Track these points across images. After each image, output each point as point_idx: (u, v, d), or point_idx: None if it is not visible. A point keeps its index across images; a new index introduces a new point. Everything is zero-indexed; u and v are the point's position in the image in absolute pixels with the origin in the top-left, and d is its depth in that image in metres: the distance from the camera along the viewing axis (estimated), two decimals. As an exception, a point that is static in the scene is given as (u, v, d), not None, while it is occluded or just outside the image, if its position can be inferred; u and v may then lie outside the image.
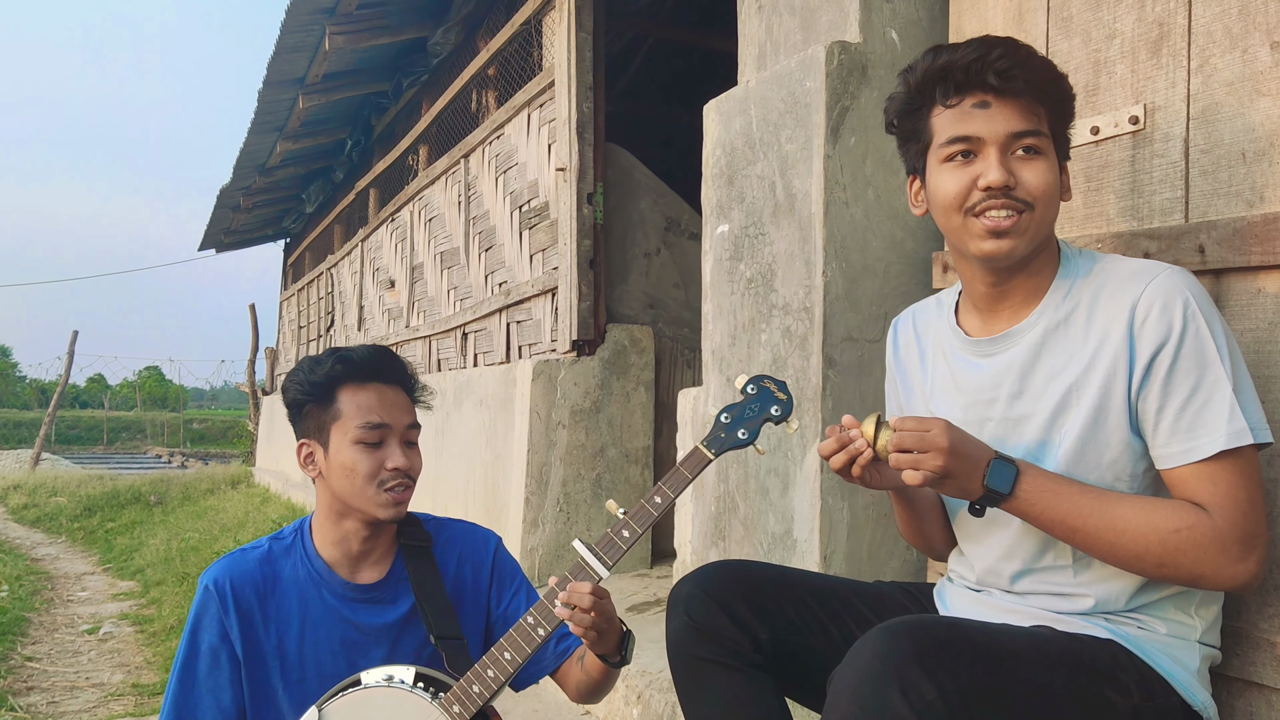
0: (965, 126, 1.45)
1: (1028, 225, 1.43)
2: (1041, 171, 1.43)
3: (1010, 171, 1.42)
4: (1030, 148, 1.43)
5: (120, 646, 5.33)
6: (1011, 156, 1.44)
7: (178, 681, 1.77)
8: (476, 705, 1.64)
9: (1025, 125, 1.43)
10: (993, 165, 1.42)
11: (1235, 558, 1.33)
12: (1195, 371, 1.35)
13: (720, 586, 1.55)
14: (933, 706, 1.17)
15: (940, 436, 1.35)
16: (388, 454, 1.74)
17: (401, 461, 1.74)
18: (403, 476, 1.74)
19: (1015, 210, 1.42)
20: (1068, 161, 1.53)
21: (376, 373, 1.79)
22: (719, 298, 2.54)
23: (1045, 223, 1.45)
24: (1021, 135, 1.43)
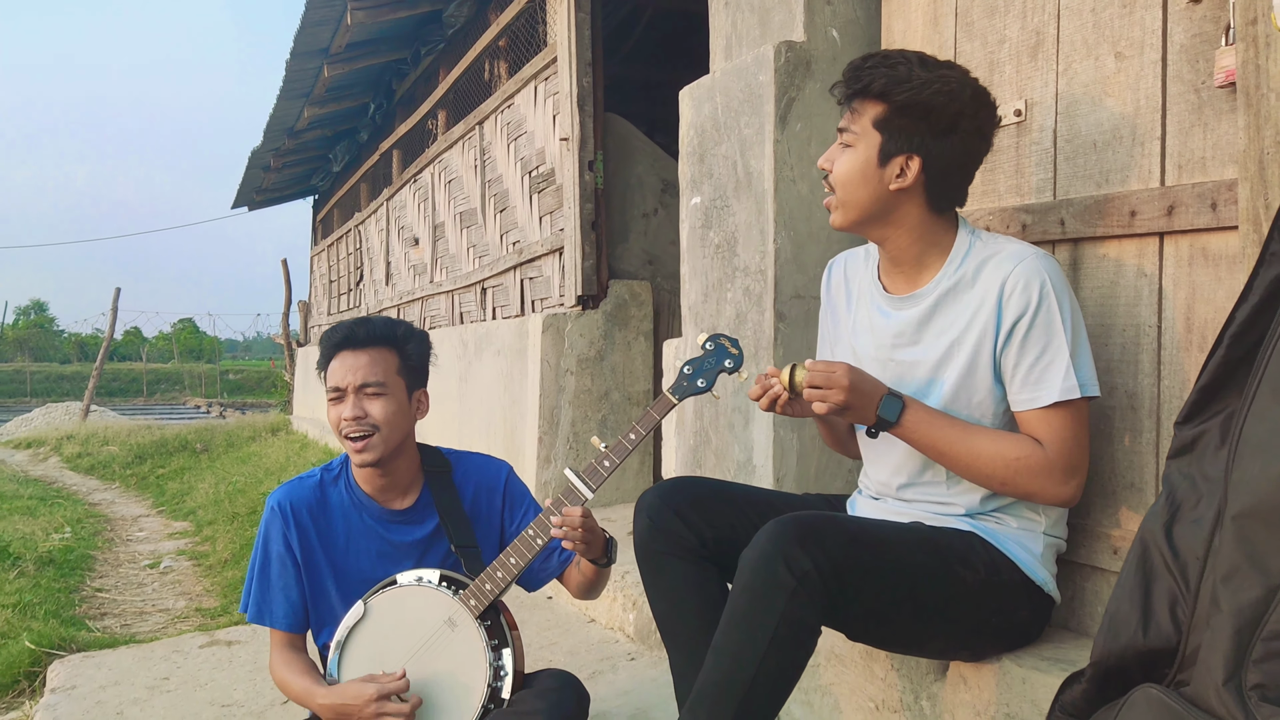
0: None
1: (836, 204, 1.85)
2: (845, 160, 1.82)
3: (832, 159, 1.85)
4: (845, 143, 1.83)
5: (180, 578, 5.85)
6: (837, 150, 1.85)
7: (256, 582, 2.23)
8: (488, 599, 2.07)
9: (843, 123, 1.84)
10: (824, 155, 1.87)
11: (1059, 482, 1.73)
12: (1043, 339, 1.73)
13: (675, 496, 1.92)
14: (809, 575, 1.58)
15: (843, 377, 1.74)
16: (343, 408, 2.13)
17: (348, 413, 2.11)
18: (353, 425, 2.11)
19: (829, 189, 1.86)
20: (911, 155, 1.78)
21: (339, 345, 2.17)
22: (693, 261, 2.94)
23: (850, 201, 1.82)
24: (841, 130, 1.84)
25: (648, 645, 3.06)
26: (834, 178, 1.84)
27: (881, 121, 1.79)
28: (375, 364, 2.15)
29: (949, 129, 1.79)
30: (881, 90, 1.77)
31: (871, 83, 1.78)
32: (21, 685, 3.58)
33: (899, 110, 1.77)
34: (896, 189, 1.80)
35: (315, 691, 2.06)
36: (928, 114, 1.77)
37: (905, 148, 1.79)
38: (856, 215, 1.84)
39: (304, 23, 6.20)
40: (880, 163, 1.80)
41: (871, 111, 1.80)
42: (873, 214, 1.83)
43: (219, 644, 3.57)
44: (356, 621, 2.11)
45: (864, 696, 2.17)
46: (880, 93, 1.78)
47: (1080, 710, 1.56)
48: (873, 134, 1.80)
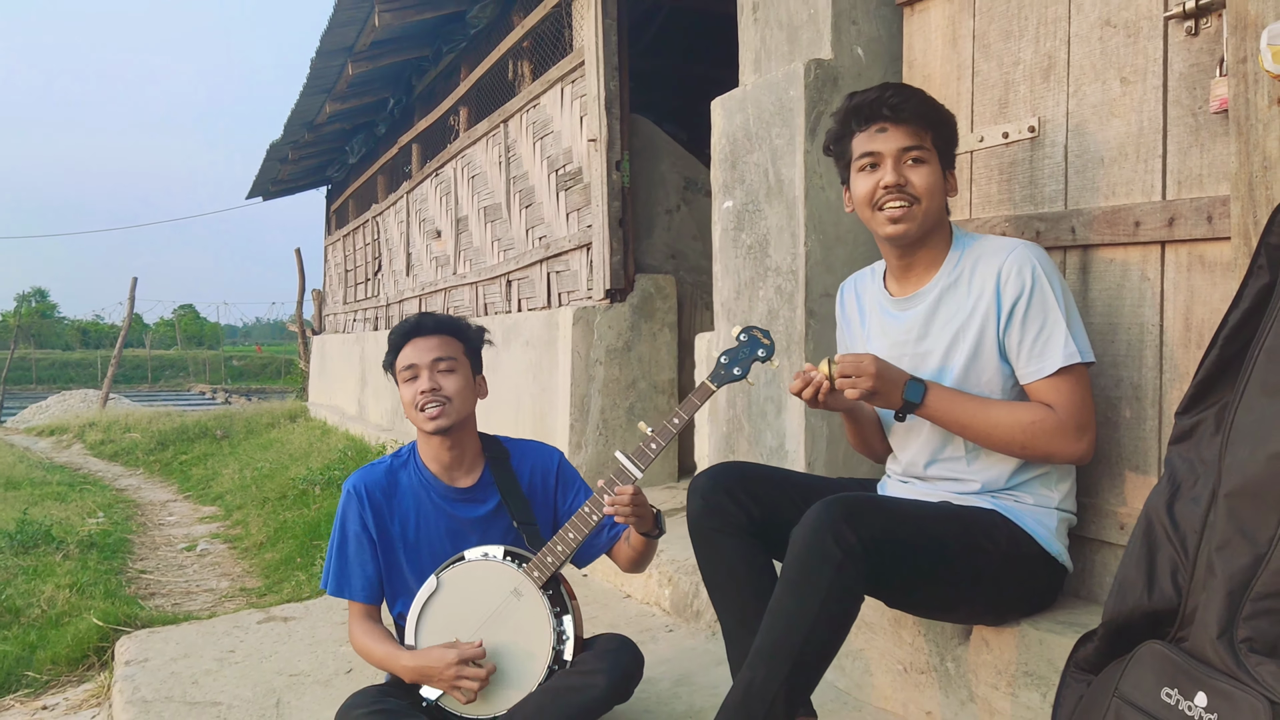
0: (870, 145, 2.08)
1: (917, 213, 2.05)
2: (925, 174, 2.05)
3: (902, 174, 2.05)
4: (917, 158, 2.05)
5: (218, 561, 6.06)
6: (904, 165, 2.05)
7: (335, 558, 2.45)
8: (550, 571, 2.30)
9: (911, 141, 2.06)
10: (889, 170, 2.05)
11: (1073, 440, 1.96)
12: (1041, 315, 1.97)
13: (726, 478, 2.13)
14: (854, 548, 1.79)
15: (870, 365, 1.98)
16: (419, 384, 2.39)
17: (426, 385, 2.37)
18: (429, 396, 2.37)
19: (907, 202, 2.05)
20: (952, 170, 2.12)
21: (408, 333, 2.45)
22: (726, 260, 3.15)
23: (931, 212, 2.06)
24: (909, 149, 2.06)
25: (684, 618, 3.29)
26: (919, 188, 2.05)
27: (938, 141, 2.08)
28: (444, 345, 2.43)
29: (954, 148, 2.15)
30: (937, 119, 2.08)
31: (929, 111, 2.07)
32: (90, 660, 3.80)
33: (946, 138, 2.10)
34: (951, 197, 2.14)
35: (399, 654, 2.29)
36: (952, 136, 2.11)
37: (951, 162, 2.12)
38: (931, 223, 2.08)
39: (331, 23, 6.38)
40: (944, 175, 2.09)
41: (929, 135, 2.07)
42: (936, 220, 2.10)
43: (275, 620, 3.78)
44: (431, 594, 2.33)
45: (893, 660, 2.40)
46: (936, 121, 2.08)
47: (1093, 665, 1.79)
48: (933, 153, 2.07)
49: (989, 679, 2.13)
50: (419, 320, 2.47)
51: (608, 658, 2.25)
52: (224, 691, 2.99)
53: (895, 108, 2.05)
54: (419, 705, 2.25)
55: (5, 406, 21.46)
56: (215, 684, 3.06)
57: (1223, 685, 1.53)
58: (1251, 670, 1.53)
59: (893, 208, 2.05)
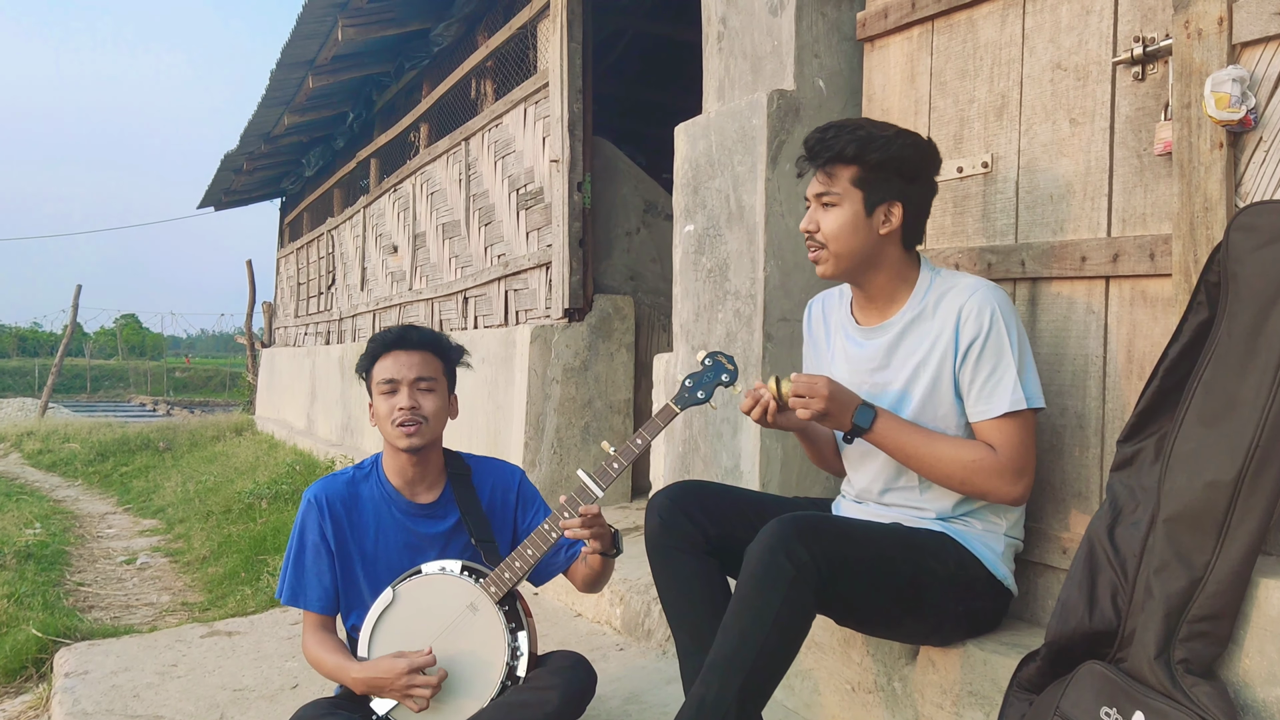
0: (807, 190, 2.16)
1: (827, 256, 2.11)
2: (832, 218, 2.09)
3: (815, 219, 2.11)
4: (827, 202, 2.10)
5: (159, 574, 5.94)
6: (820, 208, 2.11)
7: (292, 568, 2.44)
8: (507, 587, 2.31)
9: (821, 188, 2.11)
10: (806, 217, 2.13)
11: (1009, 482, 2.01)
12: (994, 359, 2.02)
13: (683, 497, 2.17)
14: (806, 565, 1.83)
15: (823, 387, 2.02)
16: (398, 399, 2.38)
17: (405, 402, 2.35)
18: (407, 414, 2.36)
19: (819, 247, 2.11)
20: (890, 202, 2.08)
21: (392, 344, 2.43)
22: (686, 283, 3.20)
23: (844, 254, 2.09)
24: (820, 195, 2.11)
25: (635, 637, 3.31)
26: (824, 234, 2.10)
27: (860, 179, 2.08)
28: (427, 363, 2.42)
29: (916, 176, 2.13)
30: (855, 154, 2.07)
31: (844, 149, 2.07)
32: (29, 671, 3.72)
33: (874, 168, 2.08)
34: (886, 233, 2.10)
35: (349, 666, 2.28)
36: (900, 166, 2.09)
37: (886, 196, 2.09)
38: (848, 264, 2.11)
39: (294, 35, 6.37)
40: (867, 213, 2.09)
41: (847, 173, 2.09)
42: (862, 259, 2.11)
43: (219, 634, 3.74)
44: (386, 606, 2.32)
45: (841, 679, 2.44)
46: (854, 156, 2.07)
47: (1035, 685, 1.85)
48: (854, 191, 2.09)
49: (934, 698, 2.18)
50: (403, 333, 2.45)
51: (562, 674, 2.26)
52: (166, 705, 2.95)
53: (811, 153, 2.12)
54: (369, 718, 2.25)
55: (-62, 414, 21.02)
56: (157, 698, 3.02)
57: (1160, 705, 1.59)
58: (1187, 691, 1.60)
59: (810, 252, 2.15)
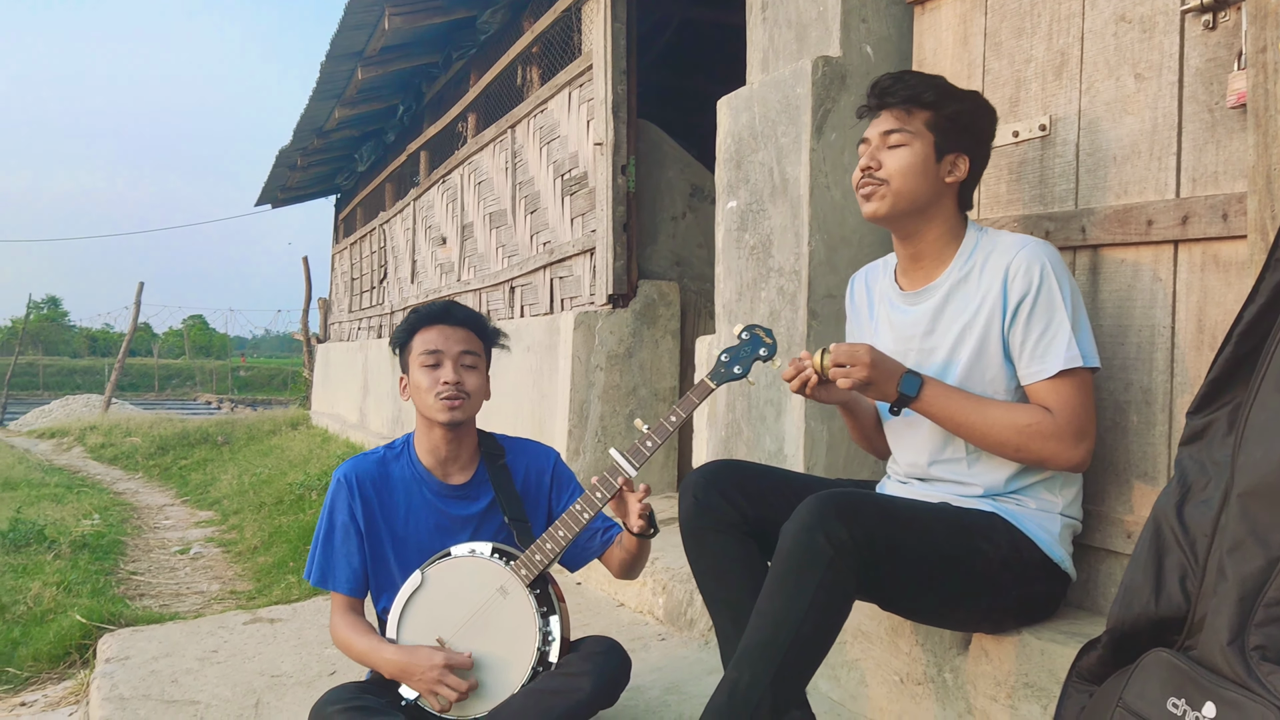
0: (866, 131, 2.08)
1: (885, 193, 2.02)
2: (899, 157, 2.01)
3: (876, 158, 2.03)
4: (895, 143, 2.02)
5: (211, 564, 6.00)
6: (883, 149, 2.03)
7: (320, 548, 2.38)
8: (538, 569, 2.23)
9: (891, 125, 2.03)
10: (866, 154, 2.04)
11: (1069, 446, 1.89)
12: (1046, 315, 1.91)
13: (719, 476, 2.07)
14: (845, 545, 1.72)
15: (865, 355, 1.92)
16: (442, 373, 2.33)
17: (451, 376, 2.30)
18: (452, 388, 2.31)
19: (875, 184, 2.02)
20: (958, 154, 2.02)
21: (436, 317, 2.38)
22: (728, 261, 3.09)
23: (903, 194, 2.01)
24: (889, 133, 2.03)
25: (677, 627, 3.21)
26: (888, 171, 2.01)
27: (935, 124, 2.02)
28: (470, 340, 2.37)
29: (982, 138, 2.08)
30: (934, 100, 2.02)
31: (923, 93, 2.02)
32: (72, 657, 3.74)
33: (949, 118, 2.02)
34: (950, 182, 2.03)
35: (382, 648, 2.21)
36: (971, 124, 2.04)
37: (957, 147, 2.03)
38: (905, 205, 2.02)
39: (341, 26, 6.37)
40: (937, 158, 2.01)
41: (923, 116, 2.02)
42: (921, 204, 2.03)
43: (261, 621, 3.72)
44: (415, 589, 2.26)
45: (889, 670, 2.32)
46: (932, 102, 2.01)
47: (1095, 675, 1.71)
48: (927, 134, 2.01)
49: (988, 690, 2.05)
50: (448, 307, 2.40)
51: (593, 660, 2.17)
52: (203, 691, 2.92)
53: (885, 92, 2.05)
54: (397, 704, 2.18)
55: (11, 411, 21.65)
56: (195, 683, 3.00)
57: (1232, 695, 1.45)
58: (1263, 679, 1.45)
59: (864, 189, 2.06)
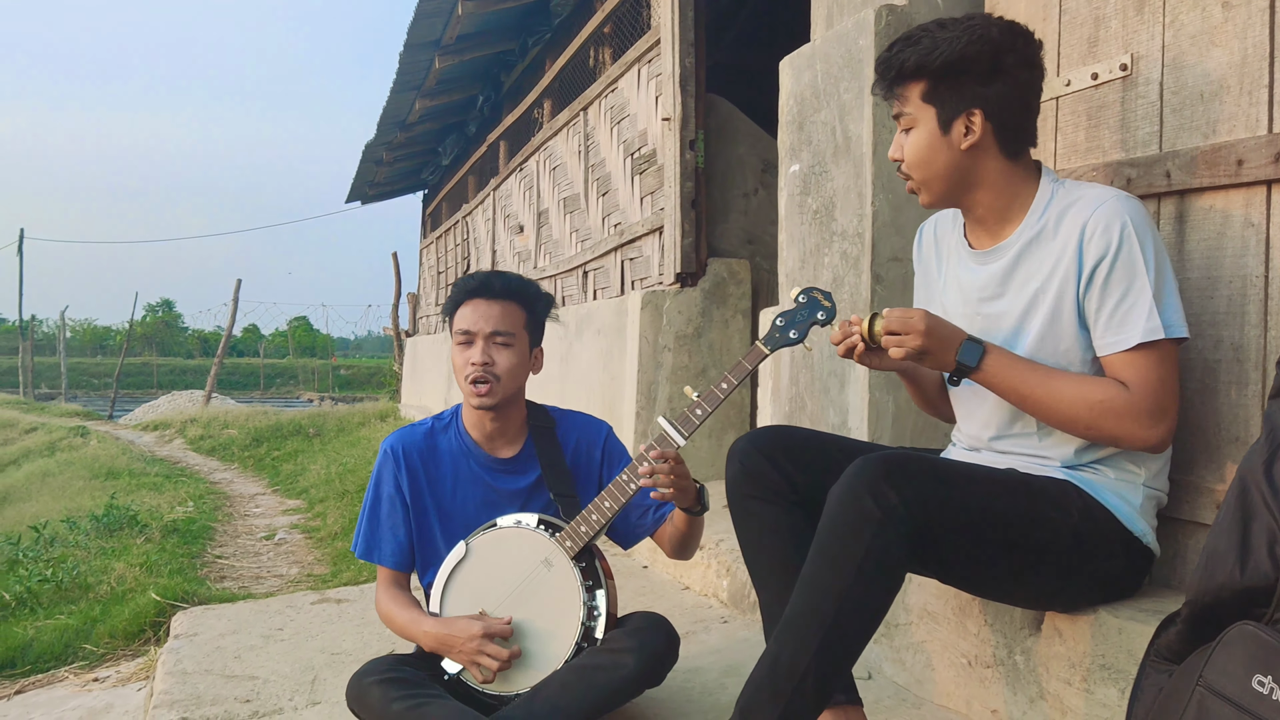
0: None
1: (917, 185, 1.89)
2: (910, 143, 1.86)
3: (898, 148, 1.89)
4: (905, 126, 1.87)
5: (293, 549, 6.10)
6: (901, 133, 1.89)
7: (366, 521, 2.34)
8: (583, 540, 2.14)
9: (896, 109, 1.87)
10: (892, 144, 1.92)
11: (1146, 425, 1.71)
12: (1125, 280, 1.71)
13: (767, 443, 1.94)
14: (895, 509, 1.59)
15: (919, 322, 1.77)
16: (471, 353, 2.24)
17: (476, 358, 2.21)
18: (479, 369, 2.22)
19: (906, 176, 1.89)
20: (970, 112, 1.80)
21: (475, 291, 2.28)
22: (791, 228, 2.96)
23: (930, 179, 1.86)
24: (898, 117, 1.87)
25: (740, 610, 3.09)
26: (907, 163, 1.88)
27: (928, 93, 1.83)
28: (506, 315, 2.26)
29: (993, 71, 1.79)
30: (916, 66, 1.82)
31: (904, 64, 1.83)
32: (147, 635, 3.79)
33: (938, 76, 1.81)
34: (968, 147, 1.83)
35: (422, 620, 2.16)
36: (968, 66, 1.80)
37: (962, 106, 1.82)
38: (941, 188, 1.87)
39: (417, 14, 6.40)
40: (944, 130, 1.83)
41: (916, 90, 1.84)
42: (955, 181, 1.86)
43: (329, 601, 3.72)
44: (459, 561, 2.19)
45: (956, 653, 2.17)
46: (916, 69, 1.82)
47: (1176, 653, 1.54)
48: (926, 109, 1.84)
49: (1061, 673, 1.89)
50: (487, 279, 2.30)
51: (638, 636, 2.08)
52: (263, 667, 2.91)
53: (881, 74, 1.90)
54: (439, 678, 2.11)
55: (125, 407, 22.64)
56: (257, 659, 3.00)
57: (1328, 671, 1.29)
58: (1364, 654, 1.29)
59: (907, 184, 1.94)
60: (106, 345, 54.11)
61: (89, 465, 9.41)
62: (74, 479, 8.71)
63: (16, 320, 32.61)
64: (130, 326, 27.80)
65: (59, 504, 7.42)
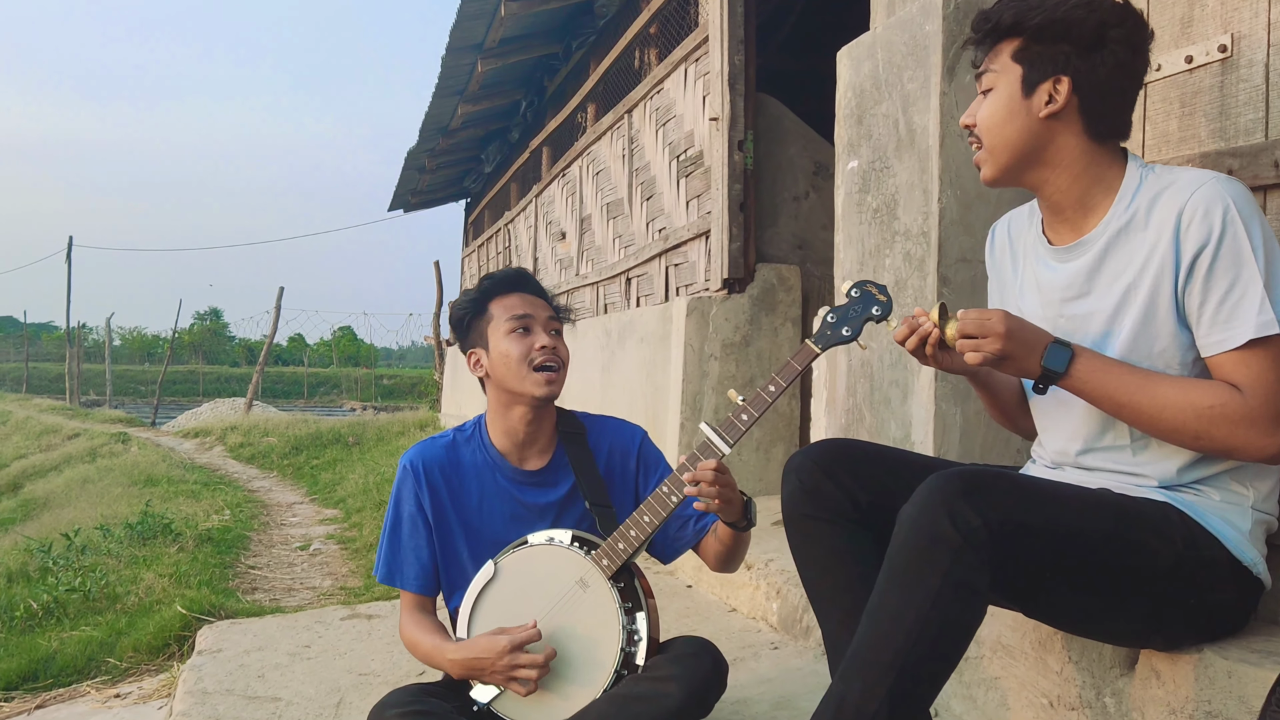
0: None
1: (983, 154, 1.70)
2: (986, 106, 1.69)
3: (973, 114, 1.71)
4: (985, 89, 1.69)
5: (328, 560, 5.98)
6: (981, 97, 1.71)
7: (387, 543, 2.18)
8: (622, 559, 1.97)
9: (983, 67, 1.70)
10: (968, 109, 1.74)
11: (1264, 432, 1.50)
12: (1232, 270, 1.52)
13: (827, 458, 1.78)
14: (977, 532, 1.41)
15: (998, 324, 1.58)
16: (535, 338, 2.10)
17: (547, 341, 2.09)
18: (550, 354, 2.08)
19: (977, 144, 1.71)
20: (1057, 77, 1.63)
21: (515, 284, 2.16)
22: (849, 227, 2.78)
23: (999, 147, 1.68)
24: (980, 78, 1.70)
25: (791, 635, 2.90)
26: (979, 126, 1.70)
27: (1019, 52, 1.66)
28: (549, 307, 2.18)
29: (1095, 43, 1.62)
30: (1013, 21, 1.65)
31: (1001, 18, 1.66)
32: (172, 649, 3.67)
33: (1035, 35, 1.65)
34: (1048, 115, 1.65)
35: (445, 647, 2.01)
36: (1068, 30, 1.63)
37: (1051, 70, 1.64)
38: (1008, 159, 1.69)
39: (459, 16, 6.29)
40: (1025, 93, 1.65)
41: (1007, 48, 1.67)
42: (1025, 153, 1.68)
43: (359, 617, 3.58)
44: (487, 582, 2.04)
45: (1036, 691, 1.97)
46: (1012, 24, 1.65)
47: (1304, 705, 1.35)
48: (1012, 68, 1.66)
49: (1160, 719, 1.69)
50: (523, 274, 2.21)
51: (683, 663, 1.90)
52: (287, 687, 2.78)
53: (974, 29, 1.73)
54: (468, 710, 1.95)
55: (169, 414, 22.91)
56: (281, 679, 2.86)
57: None
58: None
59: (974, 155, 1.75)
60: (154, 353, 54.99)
61: (128, 472, 9.39)
62: (113, 485, 8.68)
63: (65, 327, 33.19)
64: (174, 334, 28.04)
65: (96, 510, 7.37)
